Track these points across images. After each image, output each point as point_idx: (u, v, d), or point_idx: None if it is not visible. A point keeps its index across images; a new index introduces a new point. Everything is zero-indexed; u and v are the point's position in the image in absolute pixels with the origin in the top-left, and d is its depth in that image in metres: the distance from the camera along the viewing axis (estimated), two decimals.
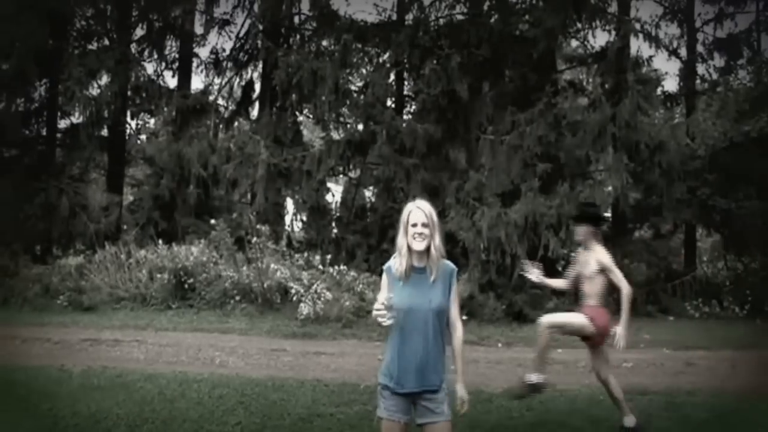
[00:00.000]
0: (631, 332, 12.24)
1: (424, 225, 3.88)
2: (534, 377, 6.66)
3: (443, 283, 3.94)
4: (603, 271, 6.82)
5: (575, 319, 6.84)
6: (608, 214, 18.28)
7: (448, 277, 3.97)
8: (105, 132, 19.84)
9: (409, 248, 3.90)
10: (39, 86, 19.74)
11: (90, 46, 20.08)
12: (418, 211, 3.92)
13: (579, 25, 17.26)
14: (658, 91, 20.57)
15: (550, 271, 14.62)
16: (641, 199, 18.51)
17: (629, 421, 6.51)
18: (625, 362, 10.11)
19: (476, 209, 14.53)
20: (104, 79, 18.56)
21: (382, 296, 3.84)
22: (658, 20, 20.51)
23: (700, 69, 20.46)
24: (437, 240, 3.92)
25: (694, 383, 8.77)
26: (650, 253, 17.46)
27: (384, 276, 4.04)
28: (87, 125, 18.43)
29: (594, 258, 6.87)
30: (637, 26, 16.92)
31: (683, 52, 20.59)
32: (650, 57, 18.82)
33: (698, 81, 20.50)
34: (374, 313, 3.78)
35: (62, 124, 20.79)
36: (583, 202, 13.95)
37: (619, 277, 6.66)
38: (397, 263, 3.97)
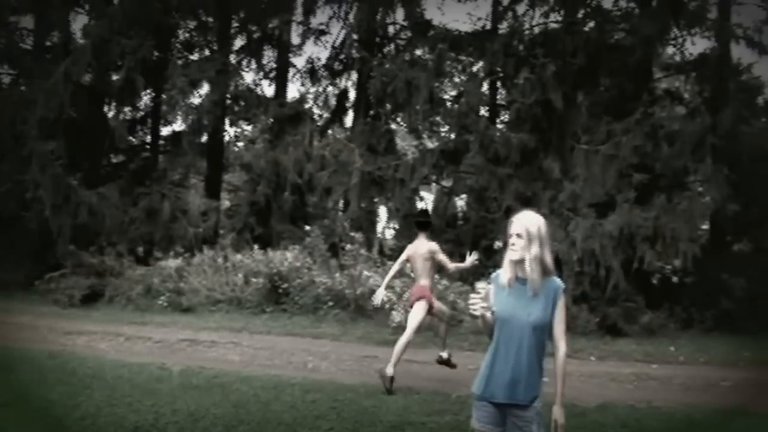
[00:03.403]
0: (731, 349, 11.93)
1: (518, 236, 3.85)
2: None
3: (546, 298, 3.86)
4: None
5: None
6: (706, 227, 17.77)
7: (553, 293, 3.88)
8: (205, 139, 20.42)
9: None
10: (144, 96, 20.54)
11: (192, 57, 20.85)
12: (517, 222, 3.90)
13: (677, 32, 16.88)
14: (761, 99, 19.87)
15: (645, 285, 14.46)
16: (741, 211, 17.92)
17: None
18: (723, 380, 9.83)
19: (570, 220, 14.35)
20: (205, 89, 19.18)
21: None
22: (761, 25, 19.80)
23: None
24: (534, 252, 3.83)
25: None
26: (751, 267, 16.86)
27: (484, 283, 3.97)
28: (188, 133, 19.09)
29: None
30: (739, 32, 16.42)
31: None
32: (752, 64, 18.23)
33: None
34: (469, 300, 3.78)
35: (165, 131, 21.62)
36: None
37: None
38: (504, 272, 3.94)
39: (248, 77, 21.35)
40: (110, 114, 19.88)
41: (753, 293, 15.68)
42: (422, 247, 9.07)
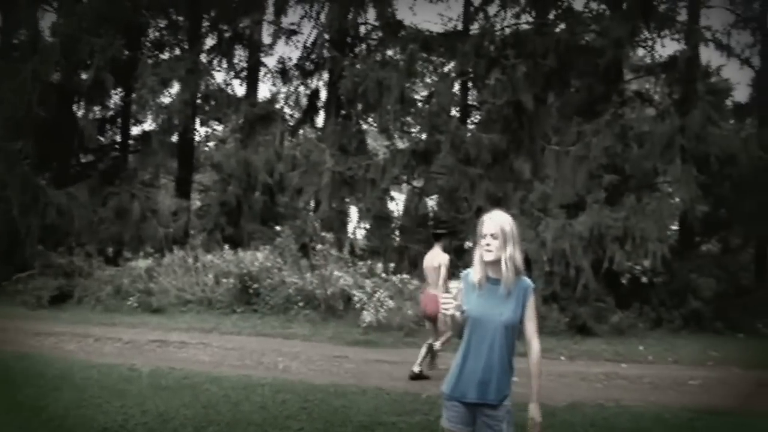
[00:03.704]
0: (699, 349, 12.08)
1: (492, 236, 3.83)
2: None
3: (517, 298, 3.86)
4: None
5: None
6: (675, 227, 17.96)
7: (523, 292, 3.88)
8: (175, 139, 20.30)
9: (482, 258, 3.89)
10: (114, 95, 20.36)
11: (162, 56, 20.68)
12: (489, 222, 3.88)
13: (647, 34, 17.05)
14: (729, 101, 20.12)
15: (614, 285, 14.59)
16: (710, 212, 18.13)
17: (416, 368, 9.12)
18: (691, 379, 9.94)
19: (540, 220, 14.43)
20: (175, 88, 19.09)
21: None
22: (729, 28, 20.05)
23: None
24: (509, 252, 3.83)
25: (766, 404, 8.39)
26: (719, 267, 17.07)
27: (456, 282, 4.01)
28: (158, 132, 18.97)
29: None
30: (708, 34, 16.62)
31: (756, 60, 20.08)
32: (720, 66, 18.45)
33: None
34: (441, 299, 3.79)
35: (135, 131, 21.47)
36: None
37: None
38: (474, 272, 3.93)
39: (219, 77, 21.28)
40: (79, 113, 19.68)
41: (721, 293, 15.89)
42: (435, 258, 9.32)
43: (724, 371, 10.71)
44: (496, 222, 3.88)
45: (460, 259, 12.84)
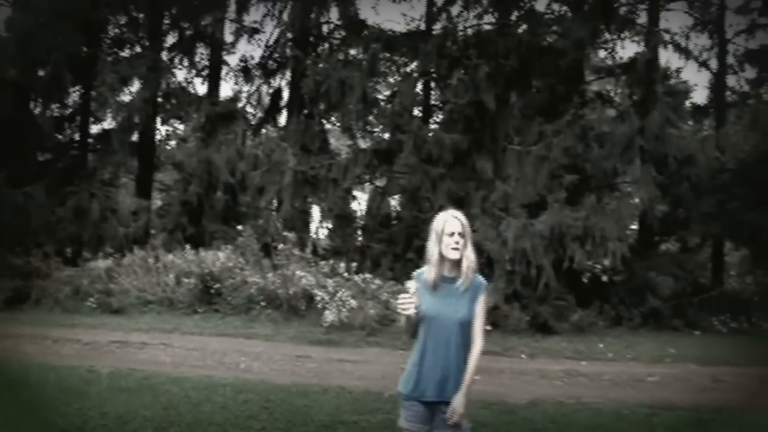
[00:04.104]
0: (657, 346, 12.31)
1: (460, 235, 3.87)
2: None
3: (472, 296, 3.90)
4: None
5: None
6: (634, 227, 18.20)
7: (476, 290, 3.91)
8: (135, 137, 20.07)
9: (442, 257, 3.89)
10: (73, 92, 20.07)
11: (123, 54, 20.41)
12: (454, 221, 3.90)
13: (607, 36, 17.25)
14: (687, 103, 20.43)
15: (575, 284, 14.76)
16: (669, 212, 18.40)
17: None
18: (650, 376, 10.09)
19: (502, 220, 14.51)
20: (136, 86, 18.89)
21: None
22: (688, 31, 20.38)
23: (731, 81, 20.29)
24: (469, 251, 3.90)
25: (721, 399, 8.62)
26: (677, 266, 17.33)
27: (412, 283, 3.97)
28: (118, 131, 18.72)
29: None
30: (667, 37, 16.86)
31: (713, 63, 20.43)
32: (679, 68, 18.77)
33: (729, 93, 20.32)
34: (399, 299, 3.79)
35: (94, 129, 21.17)
36: None
37: None
38: (428, 271, 3.93)
39: (180, 75, 21.09)
40: (36, 111, 19.36)
41: (679, 292, 16.17)
42: None
43: (681, 368, 10.93)
44: (460, 221, 3.92)
45: (421, 258, 12.88)
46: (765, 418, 7.74)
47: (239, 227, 16.61)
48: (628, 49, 45.17)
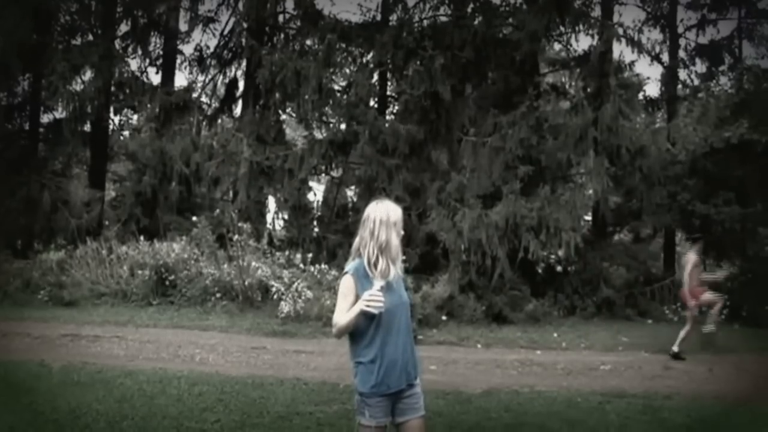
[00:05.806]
0: (610, 335, 12.51)
1: (401, 225, 3.97)
2: None
3: (400, 278, 4.02)
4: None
5: None
6: (588, 217, 18.42)
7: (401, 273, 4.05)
8: (88, 127, 19.76)
9: (388, 247, 3.88)
10: (22, 81, 19.67)
11: (74, 42, 20.01)
12: (398, 211, 3.98)
13: (562, 29, 17.40)
14: (640, 95, 20.70)
15: (530, 274, 14.90)
16: (621, 203, 18.67)
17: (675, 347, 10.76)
18: (602, 365, 10.26)
19: (457, 210, 14.58)
20: (88, 75, 18.57)
21: (349, 301, 3.84)
22: (640, 25, 20.72)
23: (682, 74, 20.73)
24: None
25: (671, 387, 8.81)
26: (630, 256, 17.60)
27: (349, 279, 3.91)
28: (70, 120, 18.34)
29: None
30: (620, 31, 17.03)
31: (665, 57, 20.81)
32: (632, 62, 18.95)
33: (680, 86, 20.72)
34: (369, 298, 3.68)
35: (45, 118, 20.75)
36: None
37: None
38: (382, 263, 3.86)
39: (134, 64, 20.80)
40: None
41: (632, 281, 16.44)
42: (689, 258, 11.24)
43: (633, 356, 11.13)
44: (399, 214, 4.00)
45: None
46: (712, 404, 7.94)
47: (194, 218, 16.44)
48: (582, 42, 45.59)
